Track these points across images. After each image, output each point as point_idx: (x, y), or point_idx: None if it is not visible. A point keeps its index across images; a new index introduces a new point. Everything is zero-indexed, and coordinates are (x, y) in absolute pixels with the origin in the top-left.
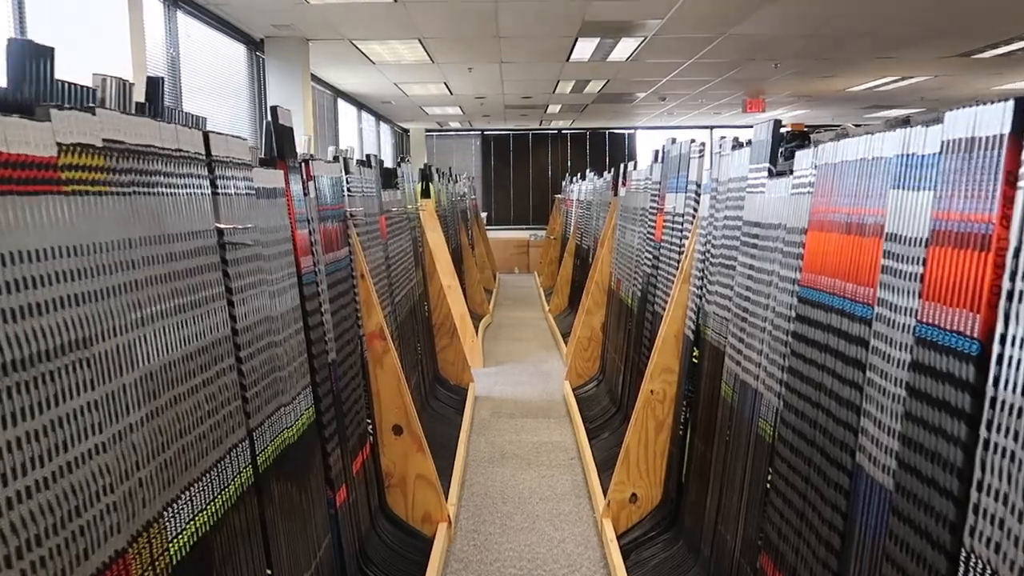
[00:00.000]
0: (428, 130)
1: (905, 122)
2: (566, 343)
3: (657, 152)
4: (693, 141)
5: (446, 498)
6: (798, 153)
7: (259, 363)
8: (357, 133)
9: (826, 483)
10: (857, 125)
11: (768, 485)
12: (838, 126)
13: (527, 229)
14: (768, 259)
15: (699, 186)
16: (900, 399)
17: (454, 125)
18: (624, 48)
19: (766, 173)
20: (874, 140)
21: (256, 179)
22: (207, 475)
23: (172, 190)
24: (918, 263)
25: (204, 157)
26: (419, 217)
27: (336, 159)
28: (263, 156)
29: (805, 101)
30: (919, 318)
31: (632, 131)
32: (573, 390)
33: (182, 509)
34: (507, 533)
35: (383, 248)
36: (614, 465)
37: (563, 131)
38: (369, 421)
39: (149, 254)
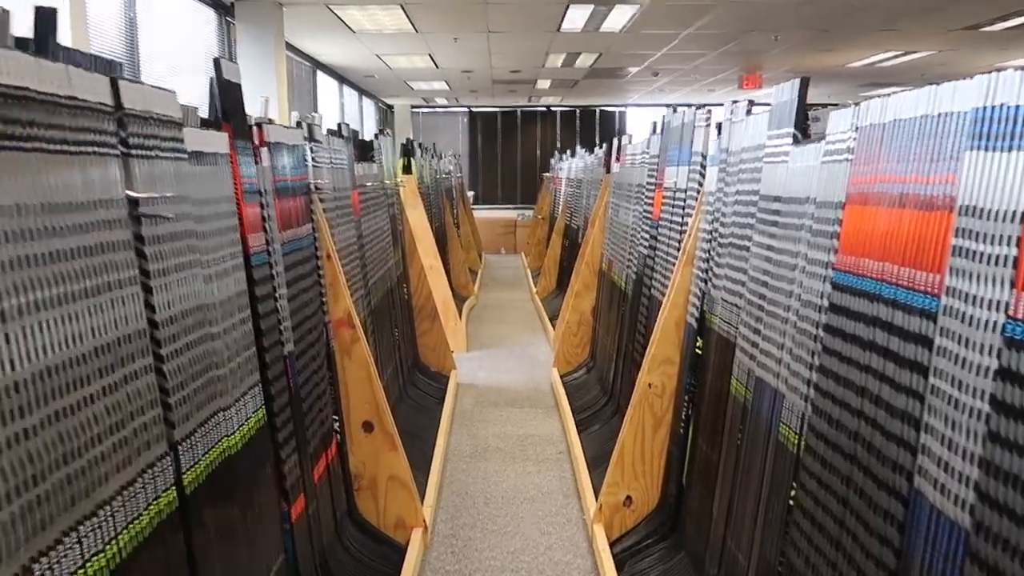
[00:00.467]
0: (414, 106)
1: None
2: (554, 326)
3: (655, 123)
4: (699, 108)
5: (423, 499)
6: (833, 113)
7: (188, 361)
8: (339, 108)
9: (872, 510)
10: (856, 104)
11: (791, 502)
12: (835, 104)
13: (514, 208)
14: (792, 239)
15: (705, 158)
16: (980, 415)
17: (440, 101)
18: (618, 17)
19: (790, 140)
20: (941, 92)
21: (189, 141)
22: (105, 508)
23: (59, 147)
24: (1009, 244)
25: (112, 109)
26: (399, 194)
27: (299, 124)
28: (207, 117)
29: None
30: (1011, 313)
31: (623, 109)
32: (561, 377)
33: (64, 556)
34: (488, 538)
35: (355, 226)
36: (605, 460)
37: (552, 108)
38: (336, 418)
39: (15, 228)
